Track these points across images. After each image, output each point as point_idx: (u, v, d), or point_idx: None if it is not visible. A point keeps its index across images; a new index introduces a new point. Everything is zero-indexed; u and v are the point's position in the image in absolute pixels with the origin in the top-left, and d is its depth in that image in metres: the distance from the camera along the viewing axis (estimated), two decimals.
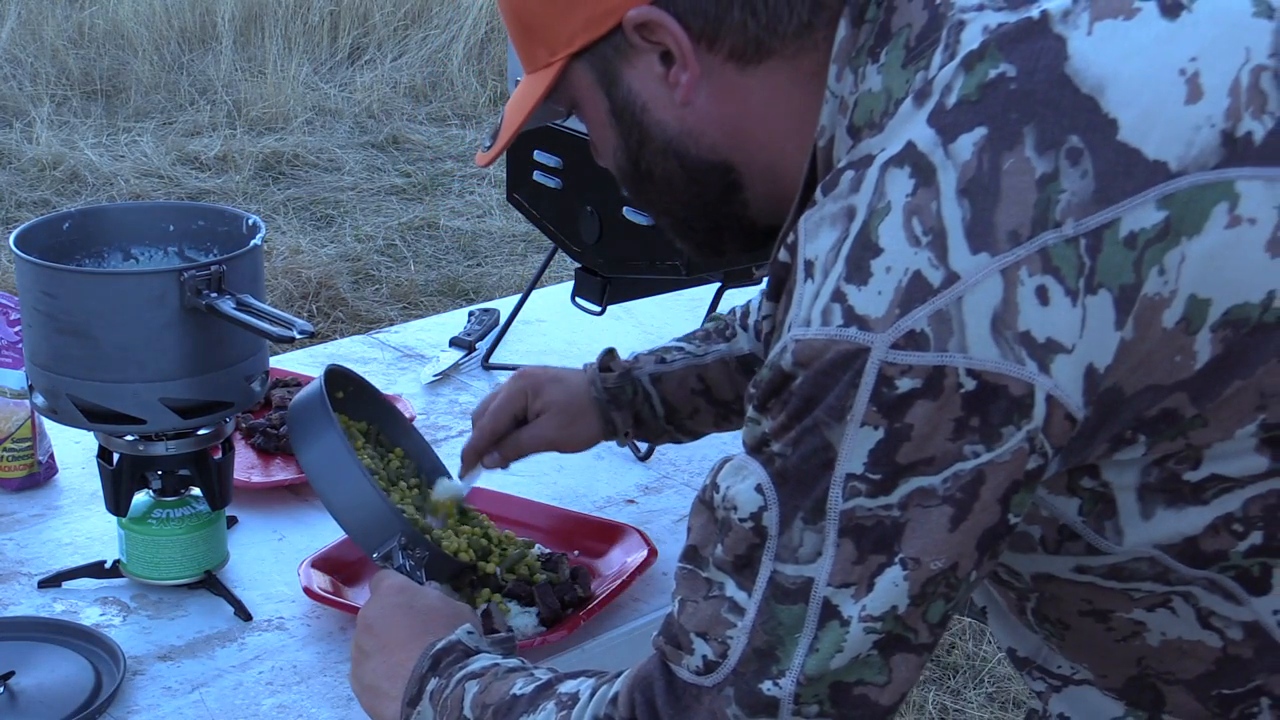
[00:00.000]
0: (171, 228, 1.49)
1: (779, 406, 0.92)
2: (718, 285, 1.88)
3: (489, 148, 1.20)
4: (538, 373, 1.56)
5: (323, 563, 1.46)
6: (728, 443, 1.75)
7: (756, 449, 0.94)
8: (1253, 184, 0.88)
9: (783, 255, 1.02)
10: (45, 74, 6.61)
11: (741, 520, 0.93)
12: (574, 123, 1.83)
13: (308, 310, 4.49)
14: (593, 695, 1.01)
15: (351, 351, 2.05)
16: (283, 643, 1.38)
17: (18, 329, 1.55)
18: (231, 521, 1.55)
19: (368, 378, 1.51)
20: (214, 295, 1.31)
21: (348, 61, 7.10)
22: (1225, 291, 0.88)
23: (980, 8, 0.94)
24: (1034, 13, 0.92)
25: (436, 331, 2.10)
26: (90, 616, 1.41)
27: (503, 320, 2.08)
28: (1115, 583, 0.99)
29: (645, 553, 1.48)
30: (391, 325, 2.41)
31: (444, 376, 1.96)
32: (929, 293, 0.86)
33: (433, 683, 1.11)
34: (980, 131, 0.89)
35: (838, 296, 0.89)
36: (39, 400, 1.38)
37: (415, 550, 1.33)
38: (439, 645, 1.13)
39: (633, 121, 1.09)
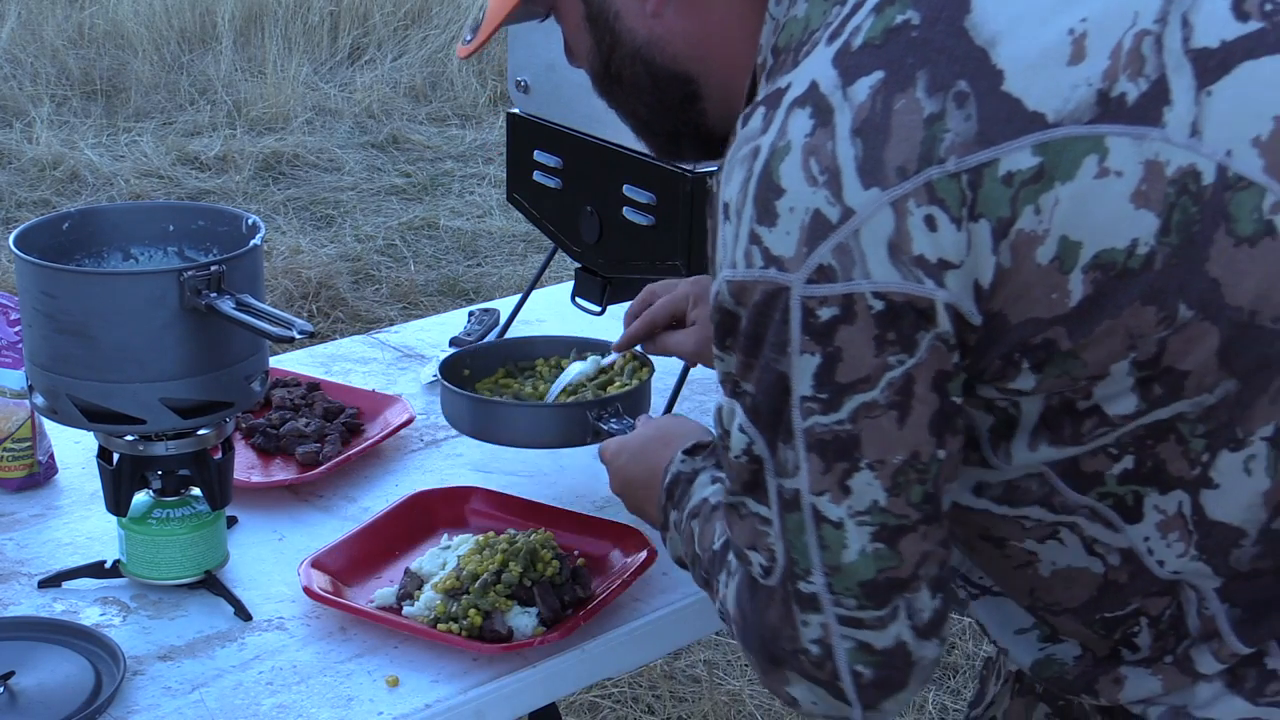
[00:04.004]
0: (171, 228, 1.49)
1: (734, 345, 1.03)
2: None
3: (469, 41, 1.30)
4: (705, 281, 1.63)
5: (323, 563, 1.46)
6: None
7: (730, 388, 1.06)
8: (1121, 140, 0.96)
9: (713, 198, 1.11)
10: (45, 74, 6.61)
11: (737, 457, 1.06)
12: (574, 123, 1.84)
13: (308, 310, 4.49)
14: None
15: (351, 351, 2.05)
16: (283, 643, 1.38)
17: (18, 329, 1.55)
18: (231, 521, 1.55)
19: (367, 377, 1.51)
20: (214, 295, 1.31)
21: (348, 61, 7.10)
22: (1094, 236, 0.96)
23: None
24: None
25: (436, 331, 2.10)
26: (90, 616, 1.41)
27: (503, 320, 2.08)
28: (1008, 508, 1.08)
29: (645, 553, 1.48)
30: (391, 325, 2.41)
31: None
32: (829, 229, 0.96)
33: (673, 515, 1.32)
34: (878, 75, 0.98)
35: (754, 239, 0.99)
36: (39, 400, 1.38)
37: (606, 413, 1.57)
38: (668, 480, 1.34)
39: (606, 27, 1.20)
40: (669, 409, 1.73)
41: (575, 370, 1.70)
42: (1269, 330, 0.98)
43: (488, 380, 1.71)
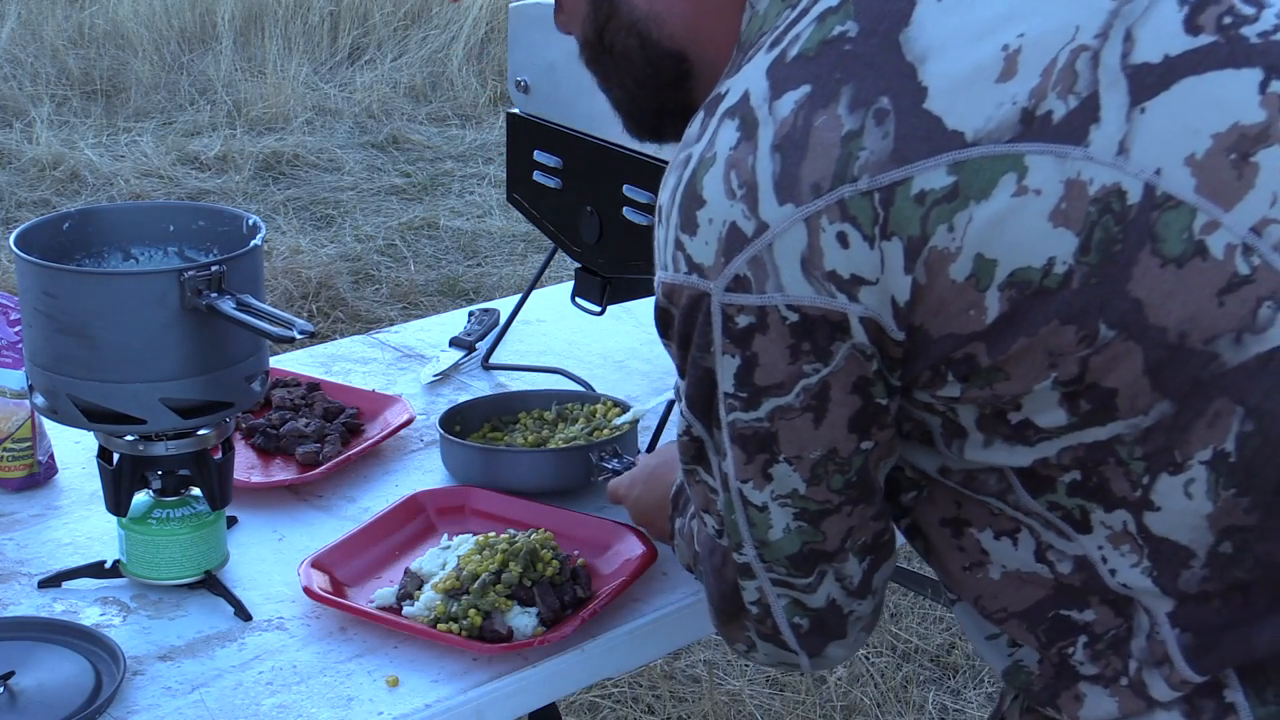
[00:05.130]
0: (171, 228, 1.49)
1: (671, 340, 1.08)
2: None
3: None
4: None
5: (323, 563, 1.46)
6: None
7: (676, 386, 1.11)
8: (1043, 158, 0.95)
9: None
10: (45, 74, 6.61)
11: (682, 435, 1.13)
12: (574, 123, 1.84)
13: (308, 310, 4.49)
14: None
15: (351, 351, 2.05)
16: (283, 643, 1.38)
17: (18, 329, 1.55)
18: (231, 521, 1.55)
19: (367, 378, 1.51)
20: (214, 295, 1.31)
21: (348, 61, 7.10)
22: (1010, 254, 0.96)
23: None
24: None
25: (436, 331, 2.10)
26: (90, 616, 1.41)
27: (503, 320, 2.08)
28: (973, 493, 1.09)
29: (645, 553, 1.48)
30: (391, 325, 2.41)
31: (444, 376, 1.96)
32: (745, 241, 0.99)
33: (677, 522, 1.37)
34: (804, 89, 0.99)
35: (678, 245, 1.03)
36: (39, 400, 1.38)
37: (606, 454, 1.62)
38: (673, 493, 1.39)
39: None
40: (651, 446, 1.73)
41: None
42: (1200, 352, 0.96)
43: (475, 435, 1.74)
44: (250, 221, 1.44)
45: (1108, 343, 0.97)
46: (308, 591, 1.40)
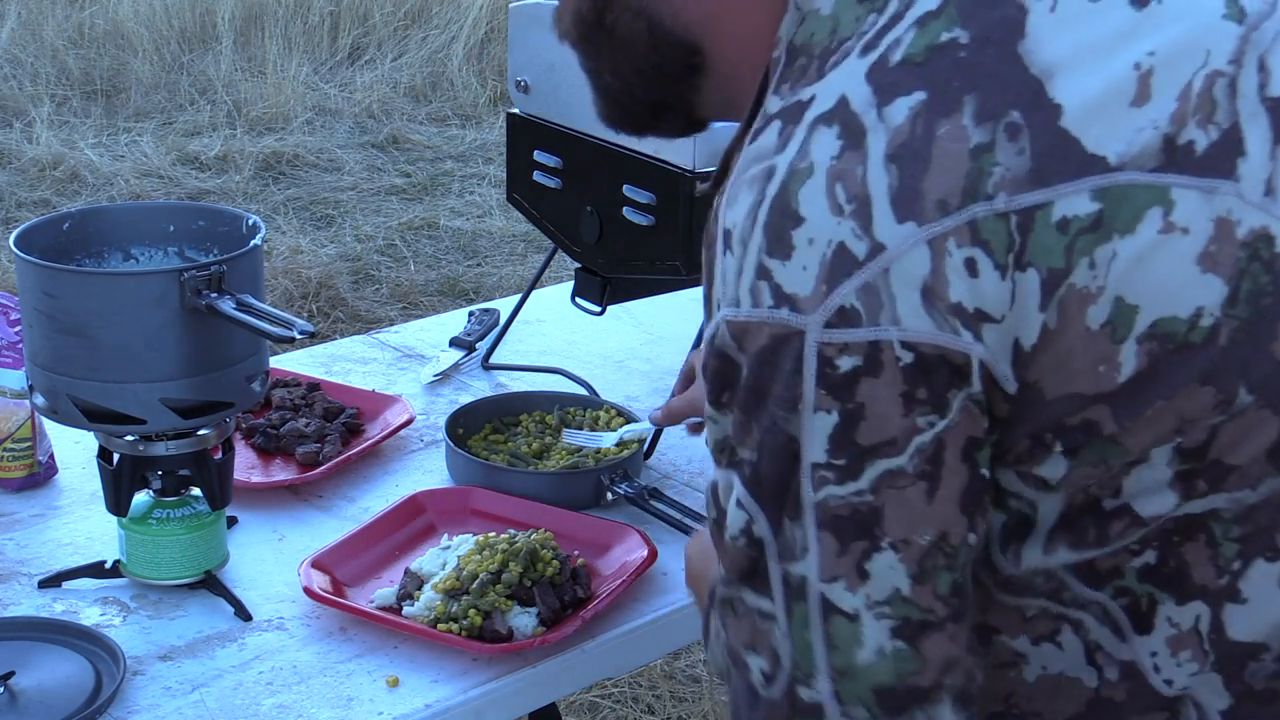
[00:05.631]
0: (171, 228, 1.49)
1: (732, 401, 0.90)
2: None
3: None
4: None
5: (323, 563, 1.46)
6: None
7: (726, 457, 0.92)
8: (1189, 193, 0.85)
9: (711, 220, 0.96)
10: (45, 74, 6.60)
11: (735, 539, 0.91)
12: (574, 123, 1.84)
13: (308, 310, 4.49)
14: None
15: (351, 351, 2.05)
16: (283, 643, 1.38)
17: (18, 329, 1.55)
18: (231, 521, 1.55)
19: (367, 378, 1.51)
20: (214, 295, 1.31)
21: (348, 61, 7.09)
22: (1154, 301, 0.84)
23: None
24: None
25: (436, 331, 2.10)
26: (90, 616, 1.41)
27: (503, 320, 2.08)
28: (1008, 596, 0.96)
29: (645, 553, 1.48)
30: (391, 325, 2.41)
31: (444, 376, 1.95)
32: (854, 265, 0.84)
33: (713, 621, 1.08)
34: (919, 96, 0.86)
35: (762, 272, 0.86)
36: (39, 400, 1.38)
37: (616, 477, 1.60)
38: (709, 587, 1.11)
39: None
40: (648, 454, 1.73)
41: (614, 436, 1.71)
42: None
43: (477, 437, 1.73)
44: (250, 221, 1.44)
45: (1244, 409, 0.86)
46: (308, 591, 1.40)
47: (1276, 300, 0.85)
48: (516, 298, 2.09)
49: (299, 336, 1.29)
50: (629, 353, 2.05)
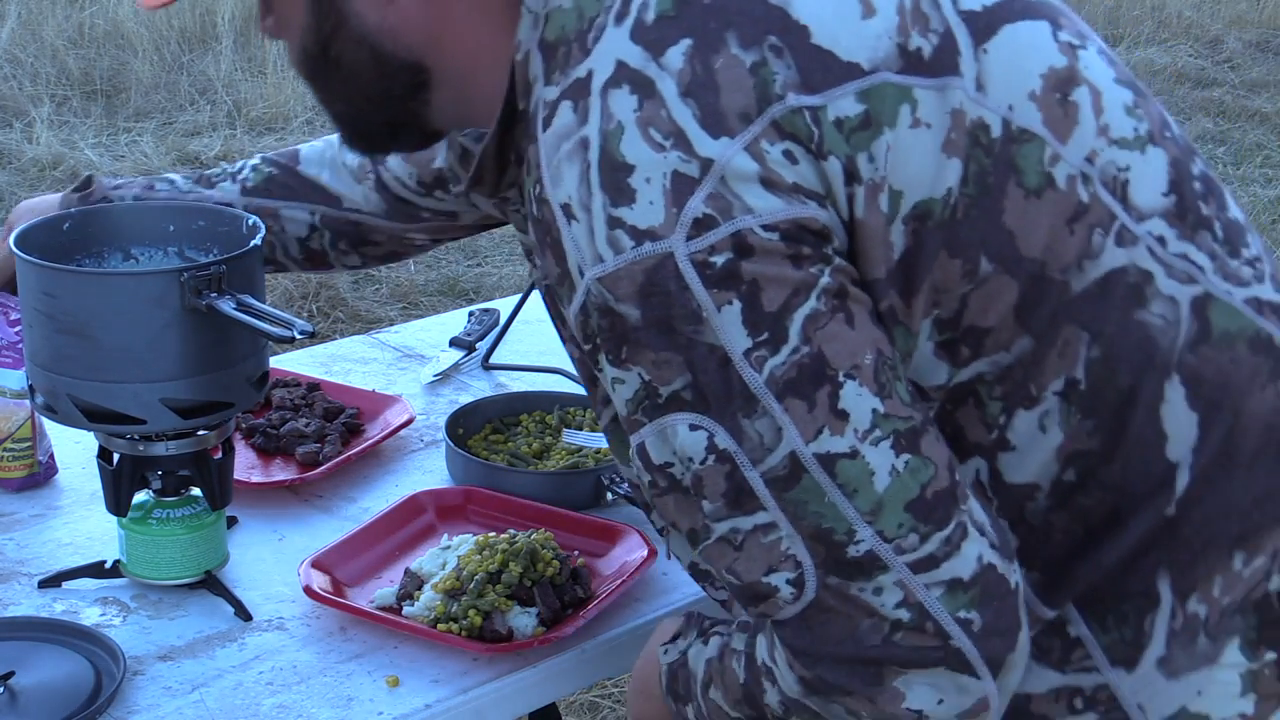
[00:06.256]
0: (171, 228, 1.49)
1: (636, 347, 0.95)
2: None
3: None
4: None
5: (323, 563, 1.46)
6: None
7: (648, 406, 0.97)
8: (927, 93, 0.97)
9: (534, 210, 1.02)
10: (45, 74, 6.60)
11: (703, 463, 0.96)
12: None
13: (308, 310, 4.49)
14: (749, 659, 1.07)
15: (351, 351, 2.05)
16: (283, 643, 1.38)
17: (18, 329, 1.55)
18: (231, 521, 1.55)
19: (367, 378, 1.51)
20: (214, 295, 1.31)
21: None
22: (913, 186, 0.96)
23: None
24: None
25: (436, 331, 2.10)
26: (90, 616, 1.41)
27: (503, 320, 2.08)
28: None
29: (645, 553, 1.48)
30: (391, 325, 2.41)
31: (444, 376, 1.96)
32: (693, 183, 0.92)
33: (689, 710, 1.16)
34: (685, 42, 0.95)
35: (614, 223, 0.93)
36: (39, 400, 1.38)
37: (617, 477, 1.58)
38: (664, 683, 1.19)
39: (330, 7, 1.10)
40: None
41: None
42: (1057, 282, 0.99)
43: (477, 437, 1.73)
44: (250, 221, 1.44)
45: (985, 278, 0.98)
46: (308, 591, 1.40)
47: (998, 179, 0.97)
48: (516, 298, 2.10)
49: (299, 336, 1.29)
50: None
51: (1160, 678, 1.04)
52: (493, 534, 1.47)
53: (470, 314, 2.13)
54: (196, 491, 1.43)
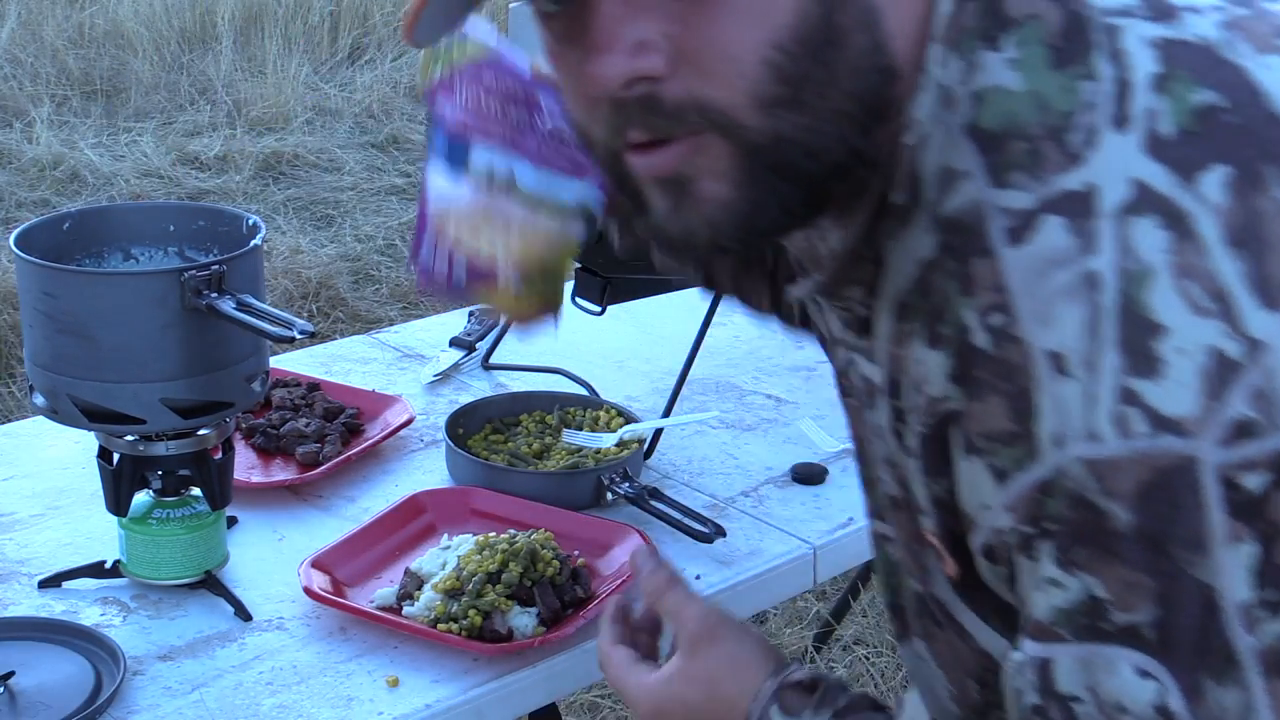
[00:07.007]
0: (172, 228, 1.49)
1: (1106, 559, 0.75)
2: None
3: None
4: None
5: (323, 563, 1.46)
6: (729, 472, 1.76)
7: (1096, 624, 0.76)
8: None
9: (980, 340, 0.79)
10: (45, 74, 6.60)
11: (1143, 716, 0.76)
12: None
13: (308, 310, 4.49)
14: None
15: (351, 351, 2.05)
16: (283, 643, 1.38)
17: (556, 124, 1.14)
18: (231, 521, 1.55)
19: (367, 377, 1.51)
20: (214, 295, 1.31)
21: (348, 61, 7.10)
22: None
23: (1125, 12, 0.80)
24: (1188, 33, 0.80)
25: (436, 331, 2.10)
26: (90, 616, 1.41)
27: (502, 320, 2.08)
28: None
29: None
30: (391, 325, 2.41)
31: (444, 376, 1.96)
32: (1236, 371, 0.72)
33: None
34: (1222, 170, 0.75)
35: (1128, 398, 0.73)
36: (39, 400, 1.38)
37: (617, 477, 1.59)
38: None
39: None
40: (648, 454, 1.73)
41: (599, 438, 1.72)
42: None
43: (477, 437, 1.73)
44: (250, 221, 1.44)
45: None
46: (308, 591, 1.40)
47: None
48: None
49: (299, 336, 1.29)
50: (629, 353, 2.05)
51: None
52: (493, 534, 1.47)
53: (470, 314, 2.13)
54: (196, 491, 1.43)
